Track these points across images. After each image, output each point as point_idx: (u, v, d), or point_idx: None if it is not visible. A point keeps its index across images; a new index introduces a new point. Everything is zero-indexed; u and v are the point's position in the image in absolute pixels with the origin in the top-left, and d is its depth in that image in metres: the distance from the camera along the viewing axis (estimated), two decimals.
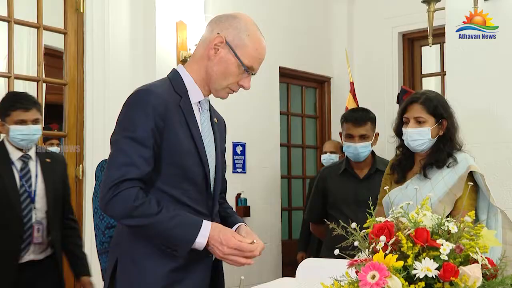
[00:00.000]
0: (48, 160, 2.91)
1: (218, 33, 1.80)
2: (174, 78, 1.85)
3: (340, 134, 3.27)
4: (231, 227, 1.89)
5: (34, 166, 2.84)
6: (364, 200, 2.47)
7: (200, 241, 1.69)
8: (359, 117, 3.15)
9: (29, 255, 2.78)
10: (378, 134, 3.23)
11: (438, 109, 2.45)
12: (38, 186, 2.82)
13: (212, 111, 1.94)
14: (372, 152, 3.21)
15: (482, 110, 3.17)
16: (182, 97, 1.80)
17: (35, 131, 2.78)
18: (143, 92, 1.75)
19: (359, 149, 3.10)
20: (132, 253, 1.77)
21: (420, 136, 2.44)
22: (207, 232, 1.70)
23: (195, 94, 1.84)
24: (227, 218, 1.96)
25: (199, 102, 1.86)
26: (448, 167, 2.41)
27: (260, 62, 1.85)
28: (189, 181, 1.78)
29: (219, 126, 1.96)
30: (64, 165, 3.05)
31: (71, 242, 3.00)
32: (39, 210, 2.81)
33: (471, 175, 2.37)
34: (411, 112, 2.47)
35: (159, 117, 1.71)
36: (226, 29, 1.81)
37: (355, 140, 3.10)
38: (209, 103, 1.93)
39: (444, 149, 2.44)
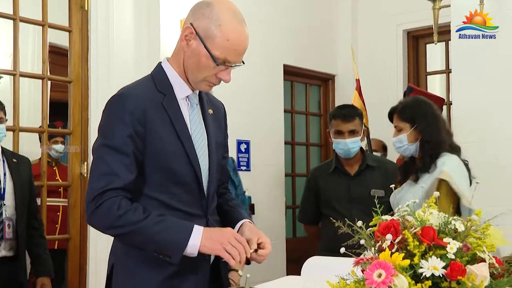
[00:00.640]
0: (14, 160, 3.01)
1: (190, 24, 1.69)
2: (157, 74, 1.77)
3: (328, 132, 3.27)
4: (233, 223, 1.82)
5: (1, 165, 2.92)
6: (357, 196, 2.48)
7: (193, 244, 1.61)
8: (347, 113, 3.17)
9: (1, 251, 2.85)
10: (365, 130, 3.28)
11: (411, 114, 2.66)
12: (7, 183, 2.91)
13: (207, 103, 1.85)
14: (361, 149, 3.24)
15: (486, 108, 3.16)
16: (165, 95, 1.72)
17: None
18: (119, 97, 1.69)
19: (349, 145, 3.11)
20: (127, 260, 1.72)
21: (400, 143, 2.68)
22: (200, 235, 1.62)
23: (181, 89, 1.75)
24: (228, 213, 1.89)
25: (187, 97, 1.77)
26: (428, 172, 2.56)
27: (237, 53, 1.69)
28: (178, 184, 1.71)
29: (215, 116, 1.87)
30: (29, 166, 3.12)
31: (35, 242, 3.07)
32: (8, 207, 2.90)
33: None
34: (394, 122, 2.75)
35: (138, 122, 1.64)
36: (198, 19, 1.68)
37: (345, 136, 3.12)
38: (203, 94, 1.85)
39: (426, 152, 2.59)
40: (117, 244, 1.76)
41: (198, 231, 1.62)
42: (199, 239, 1.61)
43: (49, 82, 3.63)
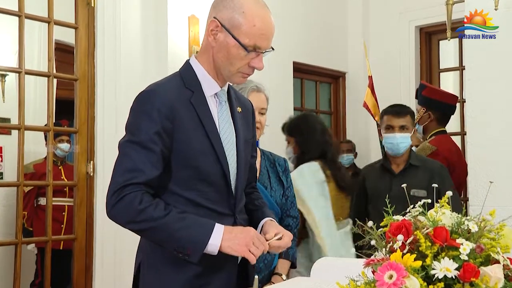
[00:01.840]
0: None
1: (214, 18, 1.70)
2: (186, 72, 1.77)
3: (379, 130, 3.39)
4: (256, 223, 1.82)
5: None
6: (397, 195, 2.46)
7: (214, 243, 1.60)
8: (399, 109, 3.28)
9: None
10: (416, 131, 3.35)
11: (290, 129, 3.19)
12: None
13: (235, 100, 1.85)
14: (410, 148, 3.29)
15: (501, 105, 3.08)
16: (194, 92, 1.71)
17: None
18: (147, 94, 1.69)
19: (399, 139, 3.18)
20: (154, 258, 1.72)
21: (288, 155, 3.14)
22: (220, 235, 1.61)
23: (209, 86, 1.75)
24: (253, 213, 1.88)
25: (216, 94, 1.77)
26: None
27: (266, 37, 1.68)
28: (205, 181, 1.70)
29: (244, 114, 1.86)
30: None
31: None
32: None
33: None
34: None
35: (166, 119, 1.64)
36: (221, 11, 1.69)
37: (395, 131, 3.20)
38: (232, 91, 1.85)
39: (296, 162, 3.10)
40: (145, 241, 1.75)
41: (219, 230, 1.61)
42: (220, 239, 1.60)
43: (55, 80, 3.59)
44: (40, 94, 4.53)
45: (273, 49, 1.72)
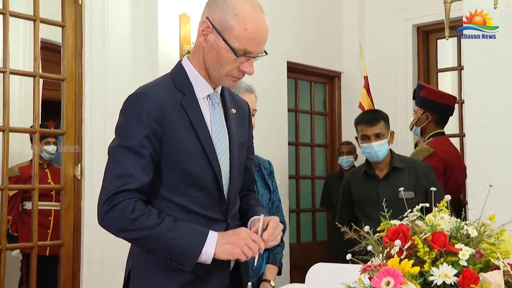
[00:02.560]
0: None
1: (206, 17, 1.65)
2: (177, 73, 1.73)
3: (356, 138, 3.35)
4: (249, 218, 1.81)
5: None
6: (385, 200, 2.41)
7: (207, 252, 1.58)
8: (372, 117, 3.28)
9: None
10: (393, 132, 3.30)
11: None
12: None
13: (230, 101, 1.81)
14: (391, 151, 3.28)
15: (500, 106, 3.02)
16: (185, 94, 1.68)
17: None
18: (136, 96, 1.65)
19: (376, 148, 3.18)
20: (144, 265, 1.69)
21: None
22: (214, 242, 1.59)
23: (201, 88, 1.71)
24: (246, 212, 1.85)
25: (208, 96, 1.73)
26: None
27: (257, 42, 1.63)
28: (196, 186, 1.67)
29: (239, 116, 1.82)
30: None
31: None
32: None
33: None
34: None
35: (155, 122, 1.60)
36: (213, 12, 1.64)
37: (371, 140, 3.18)
38: (226, 92, 1.81)
39: None
40: (135, 248, 1.74)
41: (212, 238, 1.60)
42: (213, 247, 1.59)
43: (41, 80, 3.54)
44: (25, 95, 4.49)
45: (266, 53, 1.68)
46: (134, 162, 1.59)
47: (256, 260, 1.71)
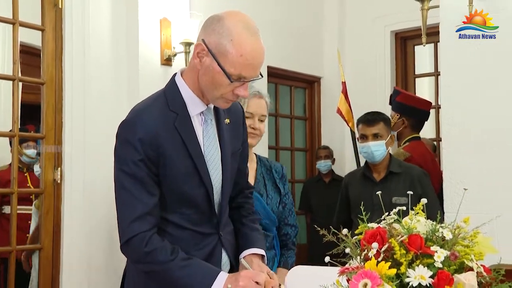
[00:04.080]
0: None
1: (202, 40, 1.65)
2: (170, 91, 1.74)
3: (358, 139, 3.38)
4: (241, 249, 1.85)
5: None
6: (378, 204, 2.45)
7: None
8: (371, 117, 3.31)
9: None
10: (394, 136, 3.34)
11: None
12: None
13: (223, 112, 1.82)
14: (390, 155, 3.31)
15: (476, 111, 3.07)
16: (178, 114, 1.69)
17: None
18: (129, 123, 1.68)
19: (372, 148, 3.21)
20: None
21: None
22: (222, 284, 1.62)
23: (194, 106, 1.73)
24: (239, 235, 1.89)
25: (202, 112, 1.75)
26: None
27: (252, 67, 1.64)
28: (188, 204, 1.73)
29: (232, 124, 1.84)
30: None
31: None
32: None
33: None
34: None
35: (149, 148, 1.64)
36: (209, 35, 1.63)
37: (369, 139, 3.23)
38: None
39: None
40: (134, 271, 1.81)
41: (220, 280, 1.63)
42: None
43: (20, 84, 3.47)
44: (4, 98, 4.40)
45: (262, 76, 1.69)
46: (139, 187, 1.64)
47: None
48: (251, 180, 2.47)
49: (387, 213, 1.41)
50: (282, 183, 2.56)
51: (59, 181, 3.49)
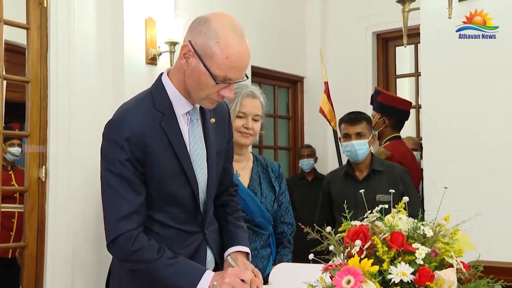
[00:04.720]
0: None
1: (188, 41, 1.67)
2: (157, 91, 1.75)
3: (340, 139, 3.41)
4: (225, 247, 1.87)
5: None
6: (363, 201, 2.50)
7: None
8: (354, 117, 3.35)
9: None
10: (375, 135, 3.39)
11: None
12: None
13: (209, 111, 1.83)
14: (372, 154, 3.35)
15: (455, 111, 3.13)
16: (164, 114, 1.71)
17: None
18: (115, 122, 1.69)
19: (356, 146, 3.24)
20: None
21: None
22: (207, 282, 1.64)
23: (180, 106, 1.75)
24: (223, 233, 1.92)
25: (188, 112, 1.77)
26: None
27: (238, 70, 1.65)
28: (174, 203, 1.75)
29: (218, 123, 1.87)
30: None
31: None
32: None
33: None
34: None
35: (136, 147, 1.65)
36: (196, 37, 1.65)
37: (352, 138, 3.26)
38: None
39: None
40: (120, 269, 1.82)
41: (206, 278, 1.64)
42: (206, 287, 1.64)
43: (4, 82, 3.45)
44: None
45: (247, 77, 1.72)
46: (126, 186, 1.66)
47: None
48: (247, 178, 2.48)
49: (369, 211, 1.43)
50: (278, 182, 2.57)
51: (43, 179, 3.48)
